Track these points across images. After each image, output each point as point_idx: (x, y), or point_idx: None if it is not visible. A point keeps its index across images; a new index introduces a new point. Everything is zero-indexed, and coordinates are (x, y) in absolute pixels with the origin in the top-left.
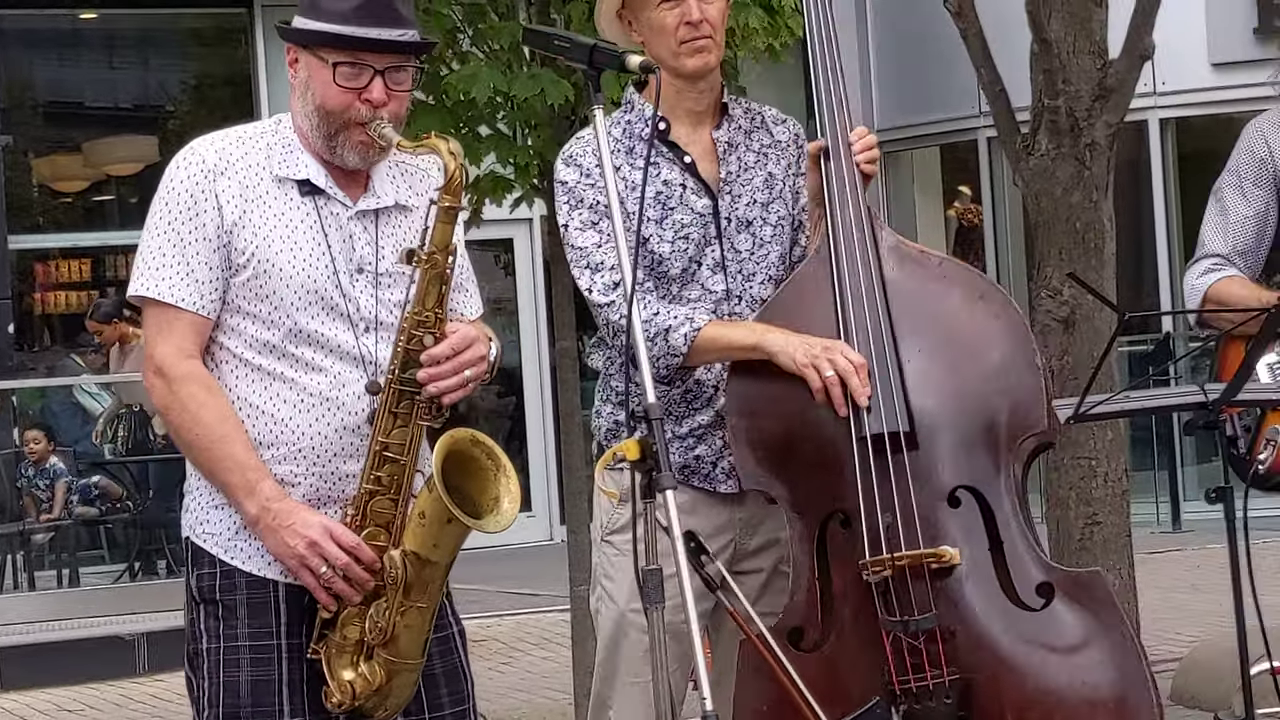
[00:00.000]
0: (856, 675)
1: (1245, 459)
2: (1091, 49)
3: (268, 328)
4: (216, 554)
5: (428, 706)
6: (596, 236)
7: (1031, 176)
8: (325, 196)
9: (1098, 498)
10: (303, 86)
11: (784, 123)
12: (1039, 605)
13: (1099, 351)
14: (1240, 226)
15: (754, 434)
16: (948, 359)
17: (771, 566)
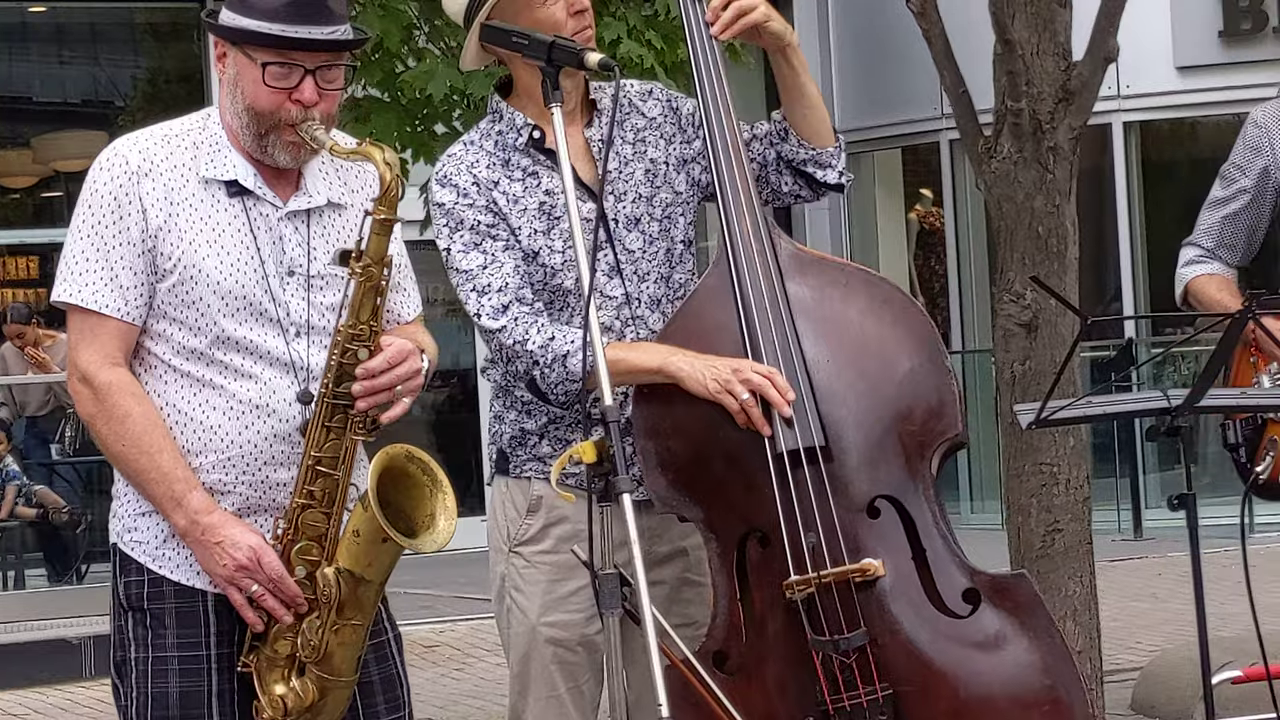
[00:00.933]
0: (787, 696)
1: (1246, 466)
2: (1055, 51)
3: (195, 334)
4: (144, 562)
5: (364, 714)
6: (481, 258)
7: (994, 180)
8: (254, 197)
9: (1059, 505)
10: (231, 84)
11: (651, 95)
12: (966, 612)
13: (1061, 356)
14: (1229, 217)
15: (664, 455)
16: (856, 367)
17: (677, 576)
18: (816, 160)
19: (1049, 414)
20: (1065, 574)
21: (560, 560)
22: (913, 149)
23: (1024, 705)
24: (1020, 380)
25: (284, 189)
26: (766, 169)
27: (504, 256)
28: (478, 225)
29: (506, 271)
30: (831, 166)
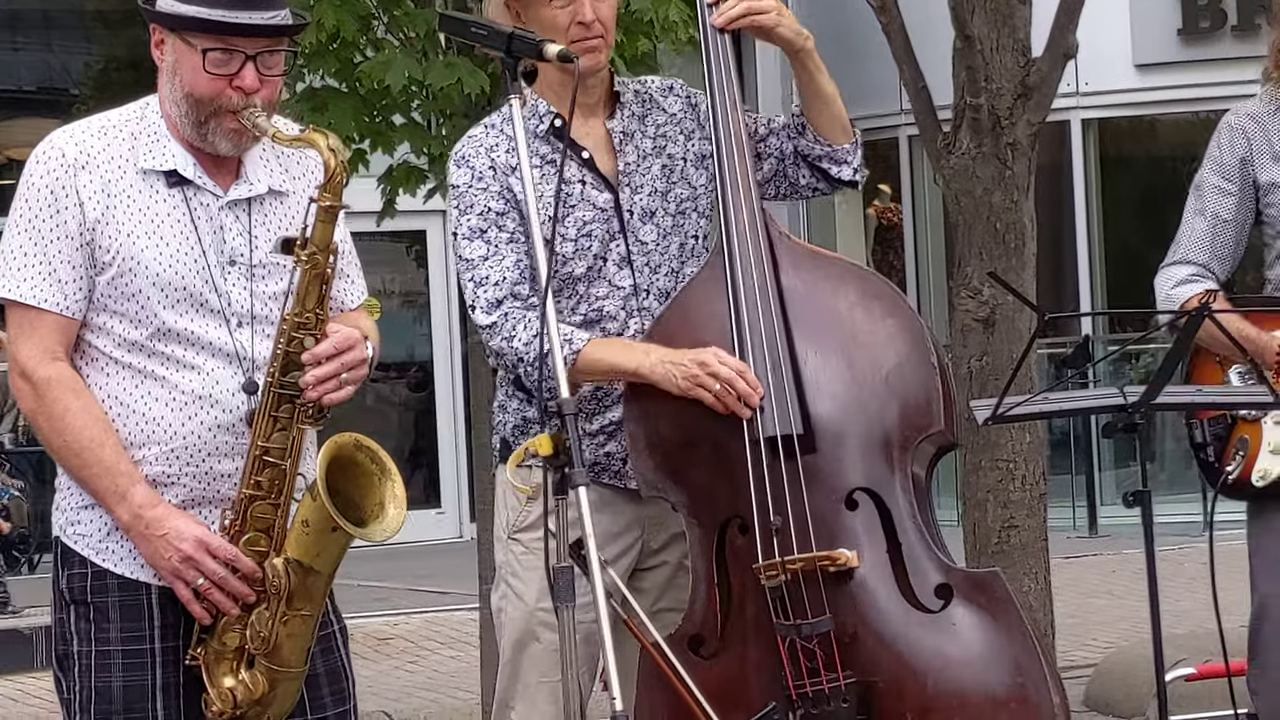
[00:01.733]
0: (756, 681)
1: (1214, 466)
2: (1014, 47)
3: (136, 326)
4: (87, 555)
5: (310, 707)
6: (484, 248)
7: (952, 175)
8: (194, 187)
9: (1015, 501)
10: (170, 71)
11: (671, 91)
12: (937, 607)
13: (1018, 352)
14: (1216, 229)
15: (651, 440)
16: (843, 361)
17: (676, 561)
18: (832, 156)
19: (1005, 410)
20: (1020, 570)
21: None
22: (871, 144)
23: (992, 702)
24: (977, 376)
25: (224, 178)
26: (784, 162)
27: (506, 249)
28: (487, 211)
29: (506, 265)
30: (847, 163)
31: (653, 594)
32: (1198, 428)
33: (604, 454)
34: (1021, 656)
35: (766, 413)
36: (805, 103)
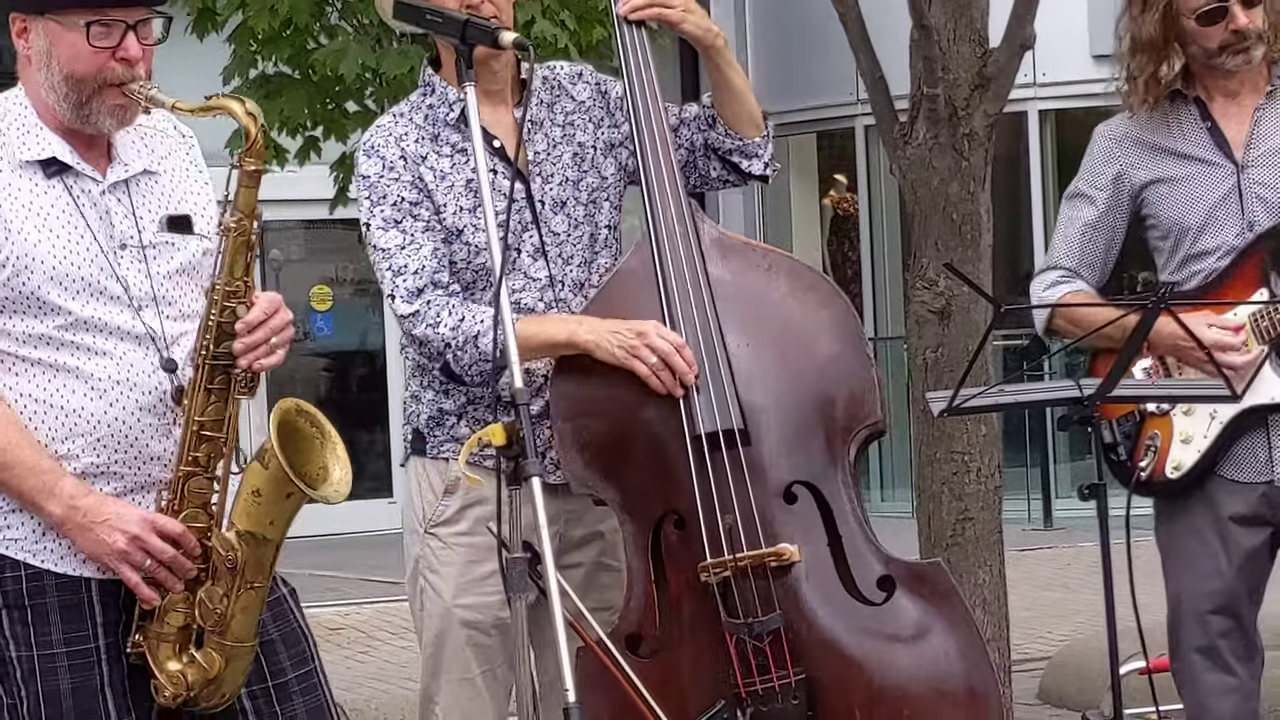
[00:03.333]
0: (700, 680)
1: (1126, 465)
2: (972, 37)
3: (40, 321)
4: (21, 558)
5: (270, 674)
6: (400, 237)
7: (909, 166)
8: (74, 174)
9: (970, 493)
10: (43, 57)
11: (580, 78)
12: (881, 599)
13: (974, 344)
14: (1086, 237)
15: (582, 437)
16: (777, 352)
17: (593, 560)
18: (742, 150)
19: (961, 402)
20: (975, 563)
21: (477, 542)
22: (828, 134)
23: (937, 693)
24: (933, 367)
25: (99, 162)
26: (694, 154)
27: (423, 238)
28: (400, 201)
29: (424, 254)
30: (757, 156)
31: (574, 593)
32: (1107, 428)
33: None
34: (965, 646)
35: (704, 408)
36: (715, 96)
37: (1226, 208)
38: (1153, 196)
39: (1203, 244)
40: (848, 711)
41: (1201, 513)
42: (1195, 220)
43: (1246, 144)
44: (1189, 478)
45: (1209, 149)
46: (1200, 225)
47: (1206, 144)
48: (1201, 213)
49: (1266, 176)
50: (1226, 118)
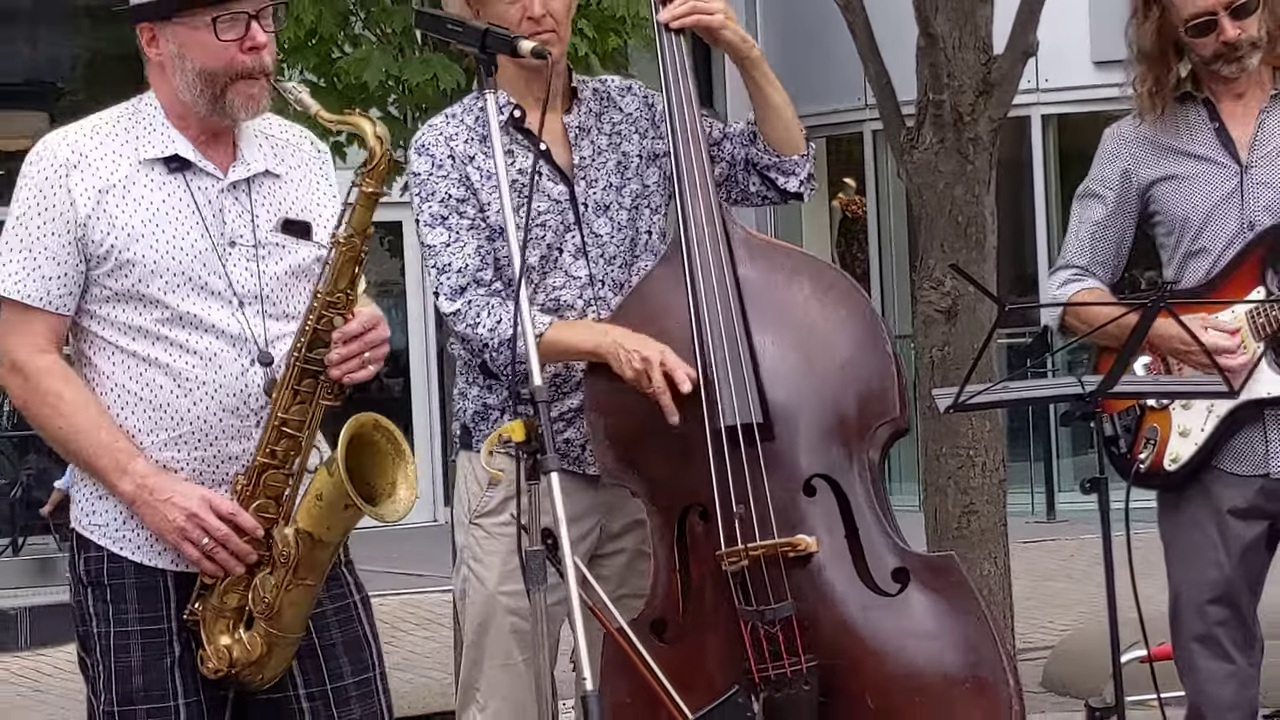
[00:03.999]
0: (718, 665)
1: (1126, 457)
2: (976, 44)
3: (140, 313)
4: (104, 545)
5: (329, 677)
6: (445, 234)
7: (915, 170)
8: (195, 170)
9: (975, 487)
10: (175, 59)
11: (630, 91)
12: (895, 590)
13: (979, 342)
14: (1098, 235)
15: (611, 430)
16: (800, 350)
17: (634, 547)
18: (779, 166)
19: (967, 398)
20: (980, 554)
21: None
22: (837, 139)
23: (947, 682)
24: (939, 365)
25: (222, 161)
26: (735, 169)
27: (467, 236)
28: (448, 198)
29: (468, 252)
30: (794, 174)
31: (613, 580)
32: (1108, 421)
33: (563, 440)
34: (976, 638)
35: (727, 402)
36: (756, 112)
37: (1229, 206)
38: (1159, 193)
39: (1204, 241)
40: (859, 698)
41: (1201, 506)
42: (1198, 217)
43: (1251, 145)
44: (1186, 470)
45: (1215, 148)
46: (1202, 222)
47: (1213, 144)
48: (1204, 210)
49: (1268, 177)
50: (1233, 118)
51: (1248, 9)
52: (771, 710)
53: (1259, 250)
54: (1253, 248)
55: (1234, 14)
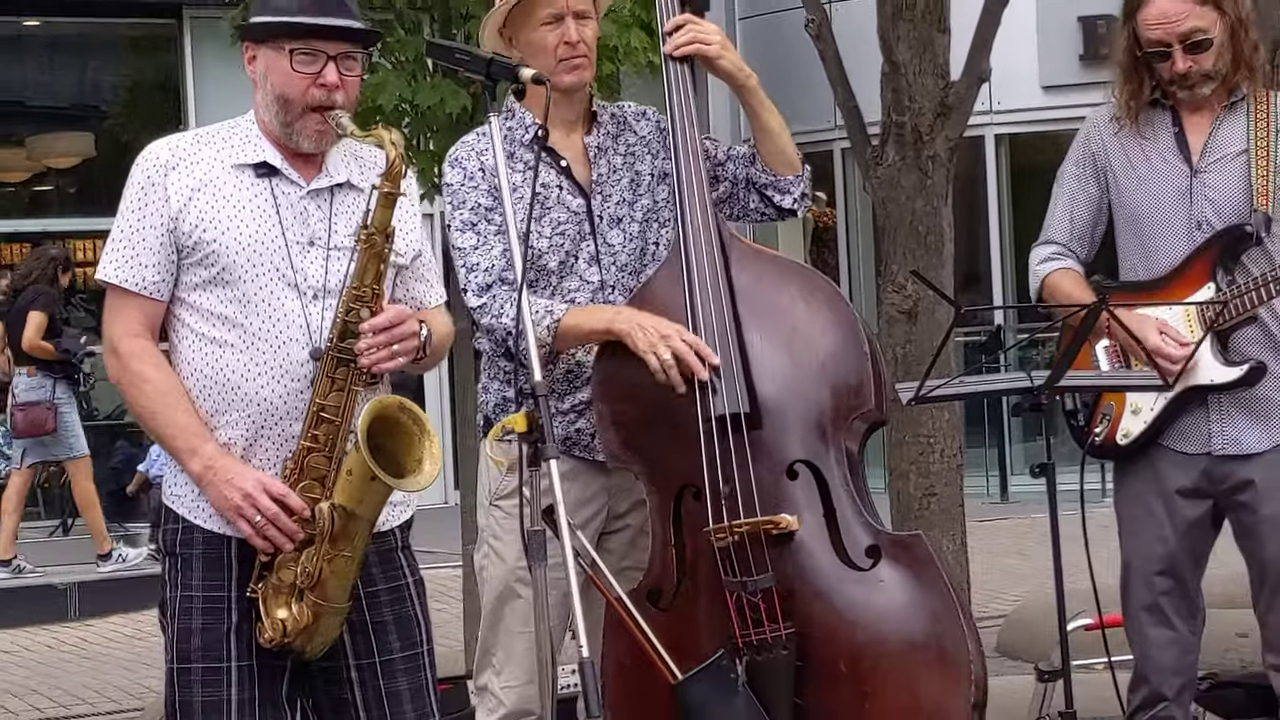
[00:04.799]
0: (707, 631)
1: (1083, 430)
2: (935, 71)
3: (221, 302)
4: (182, 513)
5: (378, 650)
6: (474, 238)
7: (880, 184)
8: (280, 177)
9: (935, 471)
10: (262, 79)
11: (644, 116)
12: (867, 565)
13: (938, 341)
14: (1074, 214)
15: (616, 418)
16: (786, 347)
17: (638, 526)
18: (776, 185)
19: (927, 391)
20: (940, 532)
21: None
22: (809, 156)
23: (914, 649)
24: (902, 361)
25: (306, 171)
26: (737, 187)
27: (494, 240)
28: (477, 206)
29: (494, 254)
30: (789, 193)
31: (618, 554)
32: (1070, 397)
33: (574, 430)
34: (941, 609)
35: (718, 393)
36: (754, 134)
37: (1179, 205)
38: (1118, 183)
39: (1155, 236)
40: (832, 663)
41: (1149, 485)
42: (1149, 214)
43: (1203, 150)
44: (1136, 445)
45: (1172, 151)
46: (1153, 219)
47: (1171, 146)
48: (1156, 207)
49: (1215, 181)
50: (1192, 125)
51: (1200, 46)
52: (753, 672)
53: (1211, 250)
54: (1206, 248)
55: (1187, 49)
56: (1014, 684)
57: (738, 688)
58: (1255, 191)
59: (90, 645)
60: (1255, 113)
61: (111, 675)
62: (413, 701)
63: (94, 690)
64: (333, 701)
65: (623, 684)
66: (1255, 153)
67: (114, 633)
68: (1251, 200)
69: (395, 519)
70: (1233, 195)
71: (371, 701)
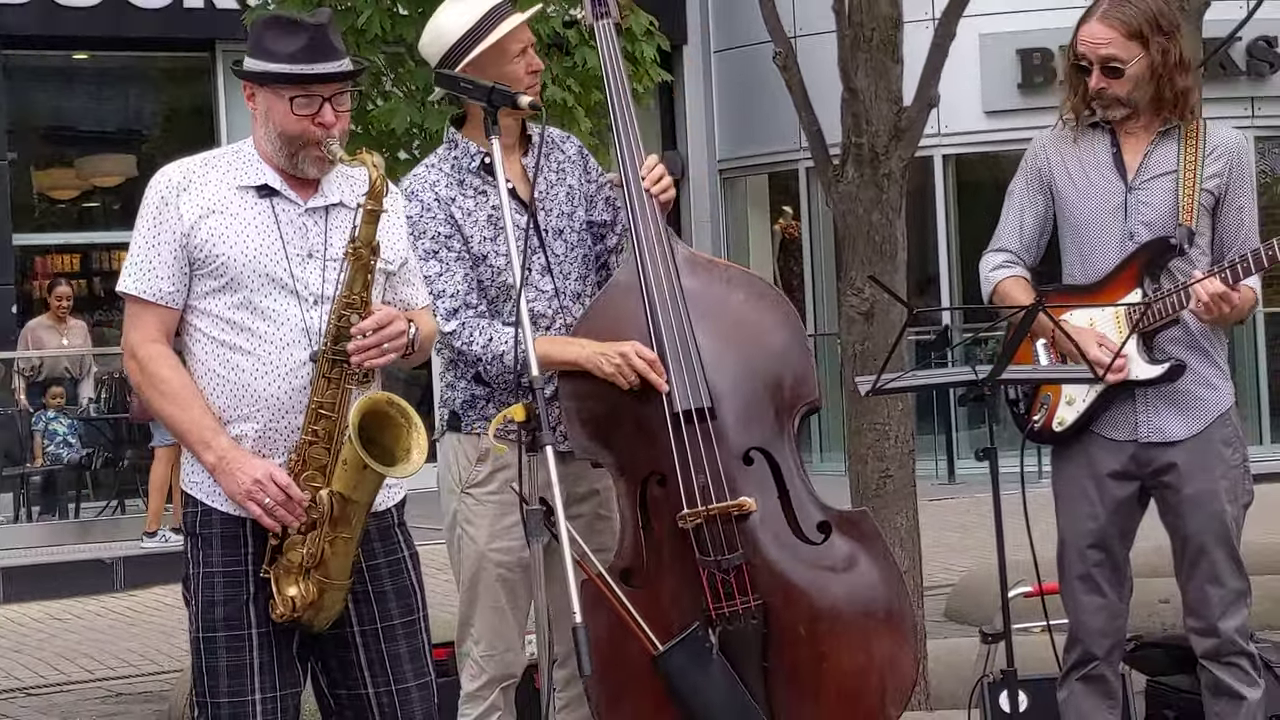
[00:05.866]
0: (680, 606)
1: (1024, 417)
2: (889, 97)
3: (230, 309)
4: (200, 498)
5: (379, 617)
6: (437, 266)
7: (840, 199)
8: (280, 197)
9: (890, 455)
10: (263, 116)
11: (568, 139)
12: (820, 540)
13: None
14: (1024, 224)
15: (583, 413)
16: (736, 347)
17: (592, 511)
18: None
19: (882, 384)
20: (894, 510)
21: (504, 499)
22: (777, 174)
23: (864, 613)
24: (860, 357)
25: (304, 191)
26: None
27: (455, 266)
28: (437, 235)
29: (457, 280)
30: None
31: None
32: (1012, 387)
33: None
34: (886, 577)
35: (680, 391)
36: None
37: (1114, 218)
38: (1059, 200)
39: (1092, 244)
40: (794, 628)
41: (1082, 468)
42: (1088, 224)
43: (1138, 170)
44: (1070, 431)
45: (1109, 169)
46: (1091, 229)
47: (1108, 165)
48: (1094, 219)
49: (1147, 198)
50: (1128, 146)
51: (1116, 72)
52: (725, 641)
53: (1140, 259)
54: (1134, 257)
55: (1103, 71)
56: (961, 645)
57: (712, 656)
58: (1181, 208)
59: (134, 614)
60: (1185, 140)
61: (153, 640)
62: (411, 662)
63: (137, 654)
64: (340, 663)
65: (602, 655)
66: (1183, 174)
67: (155, 602)
68: (1177, 216)
69: (391, 499)
70: (1162, 211)
71: (375, 662)
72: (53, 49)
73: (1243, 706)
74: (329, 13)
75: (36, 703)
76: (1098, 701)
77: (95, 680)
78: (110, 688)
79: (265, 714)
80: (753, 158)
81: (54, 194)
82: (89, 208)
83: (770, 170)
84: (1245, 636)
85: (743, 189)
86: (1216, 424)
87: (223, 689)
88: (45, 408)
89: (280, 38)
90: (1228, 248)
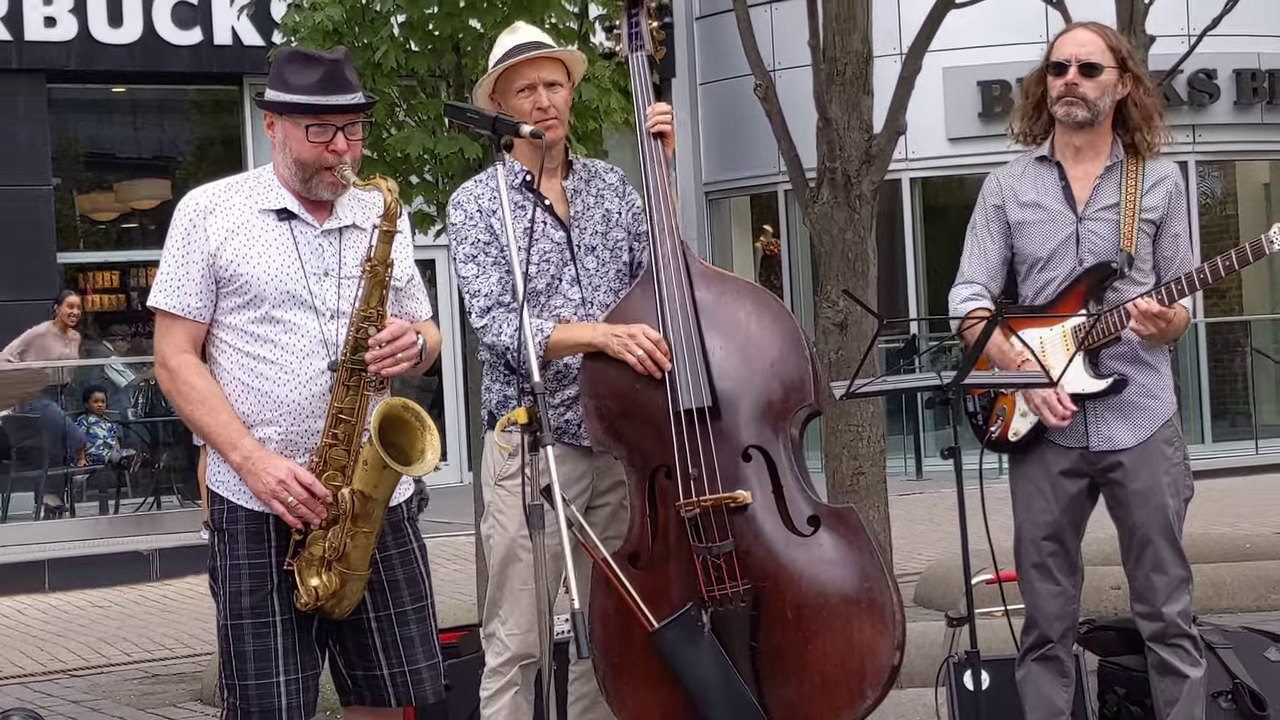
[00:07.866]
0: (677, 587)
1: (982, 428)
2: (861, 126)
3: (254, 322)
4: (226, 496)
5: (392, 604)
6: (475, 269)
7: (816, 219)
8: (298, 220)
9: (863, 454)
10: (281, 144)
11: (611, 170)
12: (809, 532)
13: (864, 347)
14: (987, 257)
15: (600, 410)
16: (741, 352)
17: (617, 502)
18: None
19: (856, 389)
20: (867, 505)
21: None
22: (758, 196)
23: (848, 601)
24: (835, 364)
25: (321, 215)
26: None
27: (491, 270)
28: (477, 241)
29: (492, 282)
30: None
31: (600, 525)
32: (971, 400)
33: (564, 420)
34: (869, 567)
35: (685, 390)
36: None
37: (1066, 247)
38: (1017, 232)
39: (1047, 272)
40: (781, 612)
41: (1037, 468)
42: (1043, 255)
43: (1087, 201)
44: (1024, 441)
45: (1060, 202)
46: (1046, 258)
47: (1059, 198)
48: (1048, 249)
49: (1097, 228)
50: (1076, 180)
51: (1092, 70)
52: (716, 621)
53: (1085, 282)
54: (1080, 280)
55: (1081, 69)
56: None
57: (704, 634)
58: (1122, 235)
59: (169, 601)
60: (1126, 175)
61: (187, 626)
62: (422, 645)
63: (172, 638)
64: (357, 646)
65: (607, 630)
66: (1125, 206)
67: (189, 590)
68: (1119, 243)
69: (403, 495)
70: (1112, 242)
71: (389, 645)
72: (94, 83)
73: (1186, 684)
74: (344, 50)
75: (80, 683)
76: (1053, 680)
77: (133, 662)
78: (147, 669)
79: (289, 694)
80: (736, 180)
81: (95, 216)
82: (127, 228)
83: (752, 192)
84: (1188, 620)
85: (727, 209)
86: (1160, 428)
87: (250, 671)
88: (88, 412)
89: (298, 71)
90: (1165, 270)
